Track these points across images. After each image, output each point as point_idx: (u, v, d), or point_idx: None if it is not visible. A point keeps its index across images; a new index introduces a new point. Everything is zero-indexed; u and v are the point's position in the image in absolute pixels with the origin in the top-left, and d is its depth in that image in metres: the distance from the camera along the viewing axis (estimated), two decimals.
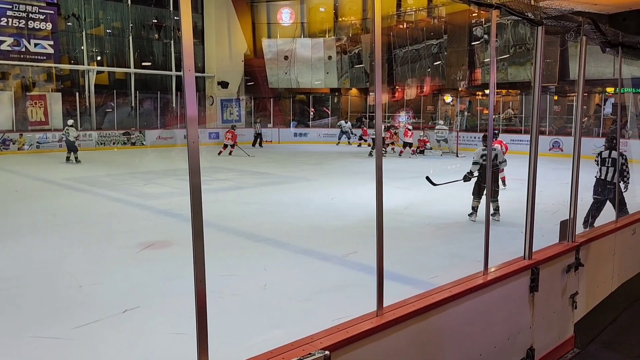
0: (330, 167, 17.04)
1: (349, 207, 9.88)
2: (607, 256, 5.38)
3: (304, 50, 28.71)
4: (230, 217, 9.04)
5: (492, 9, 3.55)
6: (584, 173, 5.19)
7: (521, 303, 3.97)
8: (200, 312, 2.18)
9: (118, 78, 26.79)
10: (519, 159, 14.65)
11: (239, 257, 6.70)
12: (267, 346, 2.51)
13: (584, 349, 4.69)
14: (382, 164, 2.96)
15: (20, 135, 21.36)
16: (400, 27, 27.15)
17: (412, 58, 26.46)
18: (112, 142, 23.71)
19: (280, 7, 29.60)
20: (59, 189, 12.35)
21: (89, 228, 8.32)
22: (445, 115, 25.97)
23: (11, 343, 4.28)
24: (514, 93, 25.01)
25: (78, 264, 6.42)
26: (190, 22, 2.15)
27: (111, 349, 4.23)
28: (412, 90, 27.07)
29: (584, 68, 4.80)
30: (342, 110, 29.70)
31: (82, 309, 4.93)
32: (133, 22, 26.43)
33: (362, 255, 6.50)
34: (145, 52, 27.08)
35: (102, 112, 25.05)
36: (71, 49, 25.01)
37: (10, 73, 23.36)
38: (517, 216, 5.17)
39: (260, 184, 13.35)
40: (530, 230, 4.10)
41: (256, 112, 28.94)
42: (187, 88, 2.10)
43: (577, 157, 4.78)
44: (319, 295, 5.38)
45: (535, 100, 4.13)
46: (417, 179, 13.99)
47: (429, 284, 5.47)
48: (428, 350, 3.19)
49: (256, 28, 30.21)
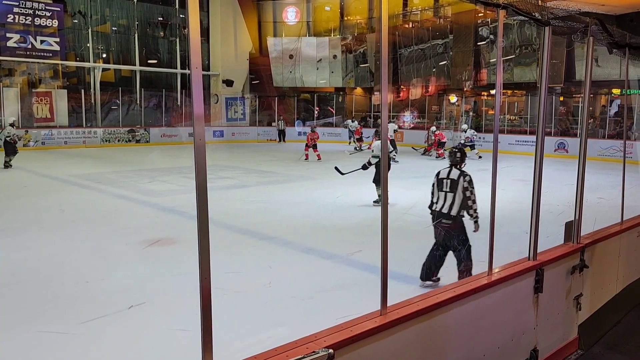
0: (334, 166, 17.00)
1: (354, 206, 9.88)
2: (612, 258, 5.36)
3: (309, 49, 28.70)
4: (235, 215, 9.05)
5: (499, 9, 3.54)
6: (590, 174, 5.18)
7: (525, 304, 3.96)
8: (205, 309, 2.19)
9: (123, 75, 26.86)
10: (524, 160, 14.65)
11: (244, 255, 6.72)
12: (271, 343, 2.52)
13: (587, 351, 4.68)
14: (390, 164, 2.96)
15: (25, 131, 21.44)
16: (406, 26, 27.10)
17: (418, 58, 26.40)
18: (117, 140, 23.78)
19: (286, 5, 29.60)
20: (65, 186, 12.41)
21: (95, 224, 8.35)
22: (450, 115, 25.93)
23: (17, 337, 4.30)
24: (520, 94, 24.93)
25: (84, 259, 6.45)
26: (198, 20, 2.16)
27: (116, 344, 4.25)
28: (417, 90, 27.01)
29: (591, 69, 4.78)
30: (346, 109, 29.67)
31: (88, 304, 4.95)
32: (139, 19, 26.49)
33: (367, 255, 6.50)
34: (150, 49, 27.15)
35: (108, 109, 25.14)
36: (77, 46, 25.10)
37: (16, 70, 23.47)
38: (522, 217, 5.15)
39: (265, 182, 13.36)
40: (535, 231, 4.09)
41: (261, 111, 29.00)
42: (194, 86, 2.10)
43: (583, 159, 4.76)
44: (323, 293, 5.39)
45: (542, 102, 4.11)
46: (422, 179, 13.96)
47: (433, 283, 5.48)
48: (431, 350, 3.19)
49: (262, 26, 30.23)
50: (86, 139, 23.03)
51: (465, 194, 5.17)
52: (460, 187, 5.19)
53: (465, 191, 5.17)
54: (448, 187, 5.28)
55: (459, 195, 5.19)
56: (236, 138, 27.12)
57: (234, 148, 23.61)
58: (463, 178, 5.22)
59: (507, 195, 10.00)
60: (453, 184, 5.26)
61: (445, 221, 5.27)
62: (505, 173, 13.42)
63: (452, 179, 5.28)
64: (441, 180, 5.39)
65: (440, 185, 5.36)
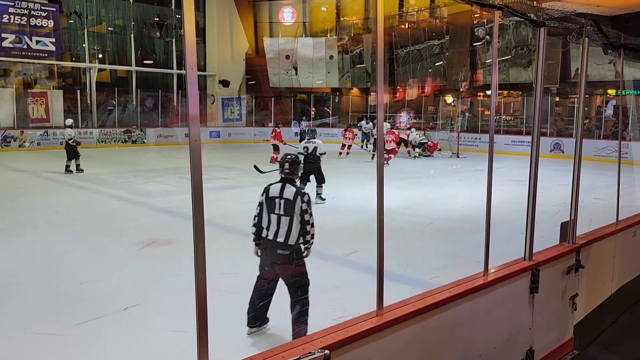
0: (330, 167, 17.01)
1: (350, 207, 9.88)
2: (607, 258, 5.38)
3: (305, 49, 28.70)
4: (231, 215, 9.03)
5: (494, 10, 3.55)
6: (585, 175, 5.19)
7: (521, 304, 3.97)
8: (201, 310, 2.18)
9: (119, 76, 26.79)
10: (520, 160, 14.69)
11: (240, 256, 6.68)
12: (267, 345, 2.52)
13: (583, 351, 4.70)
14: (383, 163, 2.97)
15: (21, 132, 21.36)
16: (402, 27, 27.14)
17: (414, 58, 26.44)
18: (113, 140, 23.71)
19: (282, 6, 29.60)
20: (61, 186, 12.36)
21: (91, 225, 8.32)
22: (447, 115, 25.96)
23: (12, 339, 4.28)
24: (515, 94, 25.01)
25: (79, 261, 6.43)
26: (193, 20, 2.15)
27: (112, 345, 4.24)
28: (413, 90, 27.05)
29: (586, 69, 4.80)
30: (342, 110, 29.68)
31: (83, 305, 4.93)
32: (135, 20, 26.44)
33: (363, 255, 6.50)
34: (146, 50, 27.09)
35: (104, 109, 25.08)
36: (73, 47, 25.02)
37: (11, 70, 23.38)
38: (518, 217, 5.16)
39: (261, 182, 13.28)
40: (530, 231, 4.10)
41: (257, 111, 28.96)
42: (189, 86, 2.10)
43: (578, 159, 4.78)
44: (319, 294, 5.37)
45: (537, 102, 4.13)
46: (418, 180, 14.00)
47: (429, 284, 5.48)
48: (428, 350, 3.19)
49: (258, 27, 30.22)
50: (82, 140, 22.94)
51: (304, 217, 4.12)
52: (297, 209, 4.11)
53: (304, 214, 4.12)
54: (282, 208, 4.16)
55: (296, 218, 4.12)
56: (232, 138, 27.08)
57: (230, 148, 23.58)
58: (301, 198, 4.13)
59: (503, 195, 10.04)
60: (288, 205, 4.14)
61: (281, 252, 4.16)
62: (501, 173, 13.45)
63: (287, 198, 4.16)
64: (272, 199, 4.23)
65: (272, 206, 4.22)
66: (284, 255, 4.16)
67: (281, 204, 4.18)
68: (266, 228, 4.25)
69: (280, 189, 4.24)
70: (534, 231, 4.12)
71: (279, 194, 4.22)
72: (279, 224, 4.17)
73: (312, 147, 10.10)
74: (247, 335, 4.29)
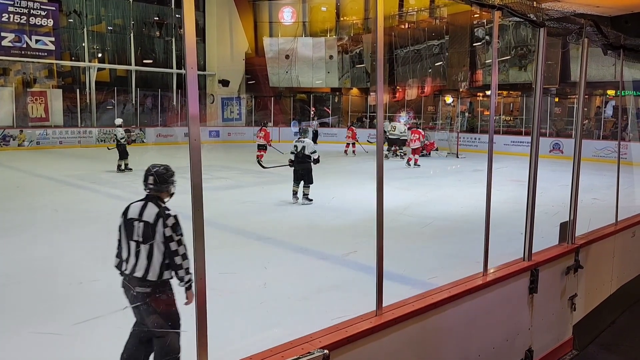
0: (330, 167, 17.02)
1: (349, 207, 9.88)
2: (606, 258, 5.38)
3: (305, 49, 28.69)
4: (230, 215, 9.04)
5: (494, 10, 3.55)
6: (585, 175, 5.20)
7: (520, 304, 3.97)
8: (200, 310, 2.18)
9: (119, 75, 26.77)
10: (519, 161, 14.70)
11: (239, 256, 6.71)
12: (266, 344, 2.52)
13: (582, 351, 4.70)
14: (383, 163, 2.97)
15: (20, 131, 21.35)
16: (402, 27, 27.14)
17: (414, 58, 26.44)
18: (112, 140, 23.66)
19: (282, 5, 29.59)
20: (59, 186, 12.35)
21: (89, 224, 8.31)
22: (447, 115, 25.96)
23: (10, 338, 4.28)
24: (515, 94, 25.02)
25: (78, 260, 6.42)
26: (193, 20, 2.15)
27: (111, 345, 4.22)
28: (413, 90, 27.06)
29: (586, 70, 4.80)
30: (342, 110, 29.69)
31: (82, 305, 4.93)
32: (134, 19, 26.42)
33: (362, 255, 6.50)
34: (146, 49, 27.07)
35: (103, 109, 25.06)
36: (72, 46, 25.00)
37: (11, 69, 23.37)
38: (517, 217, 5.17)
39: (260, 182, 13.34)
40: (530, 231, 4.10)
41: (257, 111, 28.96)
42: (189, 86, 2.10)
43: (578, 159, 4.78)
44: (318, 294, 5.39)
45: (537, 102, 4.13)
46: (417, 180, 14.00)
47: (429, 284, 5.47)
48: (427, 350, 3.19)
49: (258, 27, 30.21)
50: (81, 139, 22.94)
51: (169, 246, 3.16)
52: (159, 236, 3.17)
53: (169, 242, 3.16)
54: (140, 234, 3.22)
55: (157, 247, 3.17)
56: (232, 138, 27.06)
57: (229, 148, 23.58)
58: (163, 222, 3.18)
59: (502, 195, 10.04)
60: (147, 230, 3.19)
61: (140, 289, 3.22)
62: (500, 174, 13.45)
63: (146, 221, 3.21)
64: (130, 222, 3.28)
65: (129, 231, 3.26)
66: (143, 295, 3.21)
67: (140, 227, 3.22)
68: (125, 260, 3.29)
69: (140, 209, 3.27)
70: (533, 231, 4.12)
71: (138, 215, 3.26)
72: (137, 254, 3.21)
73: (300, 146, 10.06)
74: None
